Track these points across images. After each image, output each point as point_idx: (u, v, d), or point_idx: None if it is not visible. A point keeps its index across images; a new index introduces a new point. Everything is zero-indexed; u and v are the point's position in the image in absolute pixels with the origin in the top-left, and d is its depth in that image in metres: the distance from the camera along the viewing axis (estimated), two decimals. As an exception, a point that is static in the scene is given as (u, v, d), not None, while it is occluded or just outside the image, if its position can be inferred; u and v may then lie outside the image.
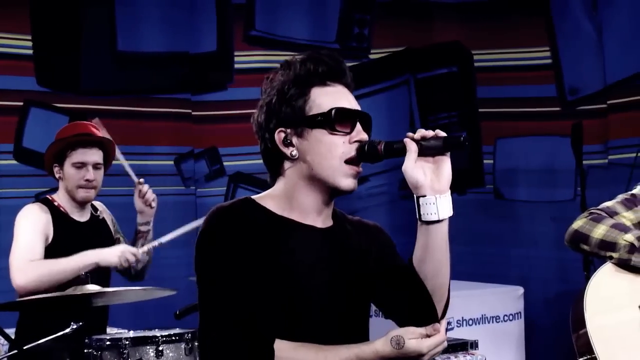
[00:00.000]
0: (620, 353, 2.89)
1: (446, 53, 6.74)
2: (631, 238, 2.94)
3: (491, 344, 5.39)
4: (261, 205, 2.20)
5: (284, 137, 2.19)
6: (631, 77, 6.03)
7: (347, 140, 2.18)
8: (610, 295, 2.98)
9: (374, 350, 2.08)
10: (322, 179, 2.18)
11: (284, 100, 2.19)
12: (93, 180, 3.90)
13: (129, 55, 5.99)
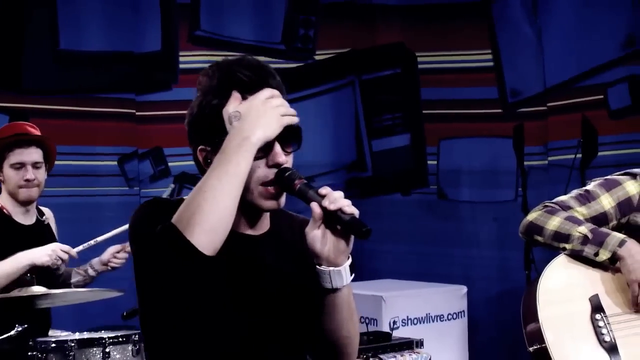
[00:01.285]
0: (569, 342, 2.90)
1: (390, 55, 6.75)
2: (584, 230, 2.96)
3: (436, 342, 5.42)
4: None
5: (204, 156, 2.10)
6: (570, 80, 6.12)
7: (264, 164, 2.05)
8: (562, 287, 2.99)
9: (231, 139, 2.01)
10: (244, 200, 2.05)
11: (202, 115, 2.09)
12: (34, 180, 3.86)
13: (71, 54, 5.93)
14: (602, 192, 3.08)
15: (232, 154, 1.96)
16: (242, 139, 1.96)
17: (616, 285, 2.99)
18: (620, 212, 3.07)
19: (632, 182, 3.09)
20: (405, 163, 6.80)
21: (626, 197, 3.07)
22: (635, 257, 2.91)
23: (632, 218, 3.07)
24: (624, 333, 2.92)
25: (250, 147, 1.96)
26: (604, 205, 3.06)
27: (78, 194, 5.69)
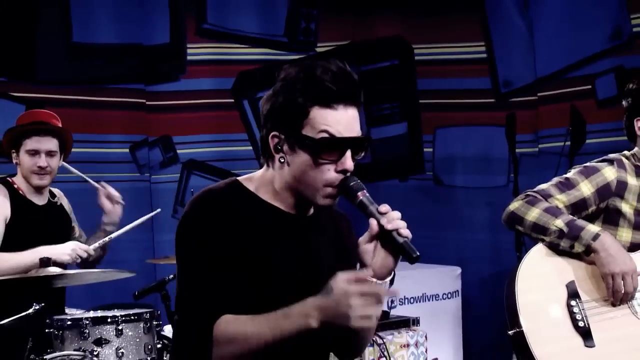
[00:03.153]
0: (544, 328, 2.90)
1: (388, 47, 6.75)
2: (561, 224, 2.95)
3: (431, 321, 5.47)
4: (249, 191, 2.15)
5: (276, 142, 2.10)
6: (559, 71, 6.10)
7: (332, 168, 2.07)
8: (540, 274, 2.99)
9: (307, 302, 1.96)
10: (301, 192, 2.11)
11: (287, 107, 2.08)
12: (46, 167, 3.86)
13: (83, 46, 5.92)
14: (581, 179, 3.08)
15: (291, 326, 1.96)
16: (306, 318, 1.95)
17: (591, 273, 2.99)
18: (600, 197, 3.07)
19: (609, 168, 3.10)
20: (402, 150, 6.81)
21: (605, 182, 3.08)
22: (608, 250, 2.92)
23: (611, 202, 3.08)
24: (598, 318, 2.93)
25: (304, 328, 1.96)
26: (583, 192, 3.06)
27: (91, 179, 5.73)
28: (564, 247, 2.97)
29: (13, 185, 3.91)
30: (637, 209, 3.08)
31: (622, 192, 3.08)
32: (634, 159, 3.16)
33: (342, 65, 2.11)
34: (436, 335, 5.60)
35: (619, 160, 3.14)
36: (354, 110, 2.10)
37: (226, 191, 2.13)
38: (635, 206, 3.08)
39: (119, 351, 3.51)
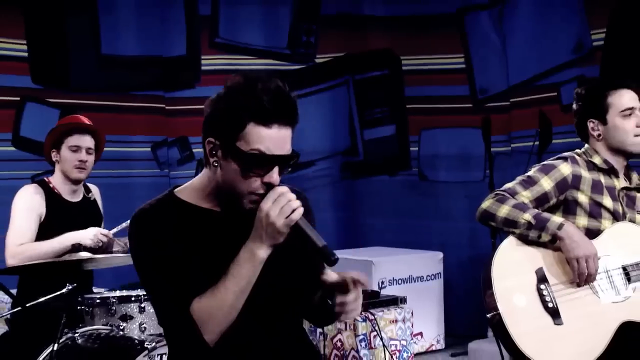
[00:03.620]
0: (518, 310, 2.89)
1: (379, 58, 6.73)
2: (529, 217, 2.94)
3: (416, 299, 5.46)
4: (180, 200, 2.09)
5: (211, 147, 2.01)
6: (529, 79, 6.13)
7: (259, 180, 1.99)
8: (513, 262, 2.98)
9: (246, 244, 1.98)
10: (229, 196, 2.03)
11: (225, 117, 1.98)
12: (86, 162, 3.83)
13: (111, 58, 5.93)
14: (541, 176, 3.08)
15: (243, 268, 1.96)
16: (251, 255, 1.97)
17: (557, 259, 2.98)
18: (559, 190, 3.06)
19: (565, 164, 3.10)
20: (391, 149, 6.80)
21: (562, 177, 3.07)
22: (572, 237, 2.92)
23: (569, 194, 3.07)
24: (565, 299, 2.92)
25: (257, 263, 1.97)
26: (544, 187, 3.05)
27: (117, 175, 5.71)
28: (533, 237, 2.96)
29: (49, 184, 3.87)
30: (591, 198, 3.07)
31: (577, 184, 3.07)
32: (586, 155, 3.16)
33: (282, 86, 2.00)
34: (421, 312, 5.60)
35: (572, 157, 3.14)
36: (288, 130, 2.01)
37: (157, 206, 2.08)
38: (590, 196, 3.07)
39: (141, 326, 3.49)
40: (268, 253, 1.97)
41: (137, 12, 6.03)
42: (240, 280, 1.97)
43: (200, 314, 1.96)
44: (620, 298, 2.96)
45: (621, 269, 3.00)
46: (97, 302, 3.51)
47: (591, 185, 3.08)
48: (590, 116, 3.12)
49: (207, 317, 1.96)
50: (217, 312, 1.96)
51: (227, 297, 1.96)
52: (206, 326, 1.96)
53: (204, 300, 1.96)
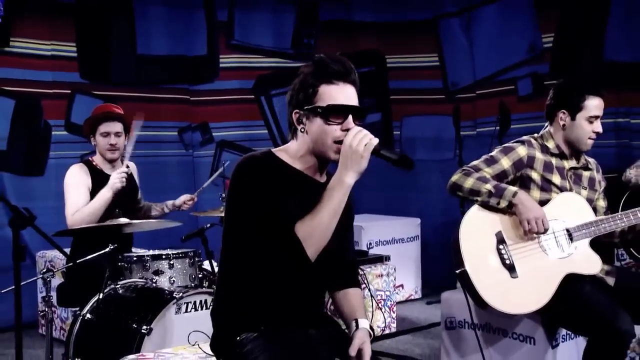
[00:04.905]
0: (481, 266, 2.91)
1: (367, 57, 6.71)
2: (489, 187, 2.96)
3: (398, 258, 5.46)
4: (279, 158, 2.11)
5: (297, 117, 2.10)
6: (492, 75, 6.15)
7: (339, 128, 2.04)
8: (477, 227, 2.98)
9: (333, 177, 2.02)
10: (317, 152, 2.08)
11: (302, 89, 2.09)
12: (115, 144, 3.83)
13: (145, 57, 5.91)
14: (501, 156, 3.08)
15: (335, 193, 1.98)
16: (340, 183, 1.99)
17: (513, 224, 2.99)
18: (515, 168, 3.07)
19: (522, 147, 3.10)
20: (377, 133, 6.78)
21: (518, 158, 3.07)
22: (524, 203, 2.93)
23: (524, 172, 3.08)
24: (519, 256, 2.94)
25: (346, 190, 2.00)
26: (503, 165, 3.06)
27: (150, 155, 5.72)
28: (493, 203, 2.97)
29: (92, 163, 3.89)
30: (543, 176, 3.07)
31: (532, 164, 3.07)
32: (542, 139, 3.15)
33: (341, 56, 2.13)
34: (402, 268, 5.62)
35: (528, 141, 3.13)
36: (352, 88, 2.09)
37: (261, 158, 2.10)
38: (542, 174, 3.07)
39: (171, 279, 3.51)
40: (354, 179, 2.00)
41: (166, 19, 5.99)
42: (332, 204, 1.98)
43: (303, 233, 1.97)
44: (564, 255, 2.97)
45: (565, 231, 3.01)
46: (134, 259, 3.53)
47: (543, 165, 3.09)
48: (564, 107, 3.09)
49: (309, 235, 1.97)
50: (316, 231, 1.98)
51: (324, 217, 1.98)
52: (309, 242, 1.97)
53: (305, 221, 1.98)
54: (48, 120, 5.53)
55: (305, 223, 1.98)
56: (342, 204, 2.00)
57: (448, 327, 3.36)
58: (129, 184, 3.99)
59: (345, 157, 1.99)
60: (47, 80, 5.49)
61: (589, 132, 3.07)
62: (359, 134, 2.00)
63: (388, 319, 4.97)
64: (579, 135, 3.08)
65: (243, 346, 2.06)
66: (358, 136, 1.99)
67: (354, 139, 1.99)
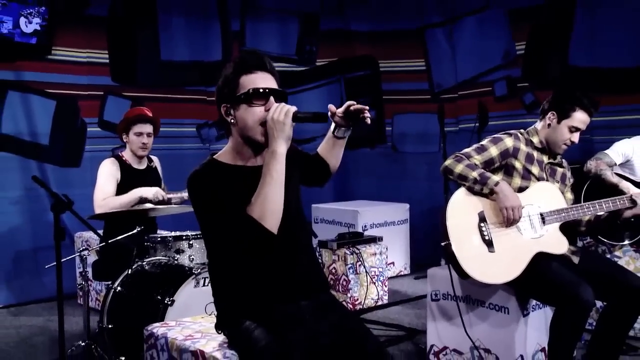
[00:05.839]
0: (464, 240, 2.91)
1: (363, 62, 6.70)
2: (476, 175, 2.95)
3: (390, 238, 5.44)
4: (220, 162, 2.07)
5: (225, 110, 2.04)
6: (471, 78, 6.13)
7: (262, 109, 1.99)
8: (462, 206, 2.98)
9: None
10: (246, 137, 2.02)
11: (225, 85, 2.02)
12: (146, 143, 3.86)
13: (167, 62, 5.90)
14: (490, 145, 3.07)
15: (270, 165, 1.93)
16: (272, 154, 1.94)
17: (493, 206, 2.98)
18: (502, 157, 3.06)
19: (509, 138, 3.09)
20: (371, 129, 6.82)
21: (505, 148, 3.07)
22: (504, 192, 2.93)
23: (509, 161, 3.07)
24: (497, 234, 2.94)
25: (280, 158, 1.94)
26: (492, 154, 3.05)
27: (172, 149, 5.73)
28: (477, 189, 2.98)
29: (122, 158, 3.90)
30: (524, 166, 3.06)
31: (516, 155, 3.07)
32: (528, 134, 3.15)
33: (256, 51, 2.12)
34: (393, 247, 5.62)
35: (515, 134, 3.13)
36: (269, 76, 2.04)
37: (204, 169, 2.04)
38: (524, 164, 3.06)
39: (190, 257, 3.52)
40: (284, 147, 1.95)
41: (186, 29, 5.97)
42: (273, 175, 1.93)
43: (256, 212, 1.91)
44: (537, 235, 2.97)
45: (539, 215, 3.00)
46: (158, 240, 3.53)
47: (526, 157, 3.08)
48: (555, 109, 3.09)
49: (262, 211, 1.90)
50: (266, 205, 1.91)
51: (269, 191, 1.92)
52: (264, 217, 1.90)
53: (254, 202, 1.92)
54: (84, 118, 5.54)
55: (255, 203, 1.92)
56: (282, 172, 1.94)
57: (433, 299, 3.36)
58: (153, 176, 4.01)
59: (271, 129, 1.95)
60: (83, 83, 5.49)
61: (566, 139, 3.07)
62: (279, 107, 1.96)
63: (381, 292, 4.97)
64: (557, 138, 3.08)
65: (241, 322, 2.05)
66: (278, 109, 1.96)
67: (274, 111, 1.96)
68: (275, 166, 1.94)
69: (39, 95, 5.32)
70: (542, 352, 3.13)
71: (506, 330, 3.04)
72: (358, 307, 4.77)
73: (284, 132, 1.95)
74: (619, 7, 5.10)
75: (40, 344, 4.06)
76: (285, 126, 1.95)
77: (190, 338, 2.39)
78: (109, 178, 3.78)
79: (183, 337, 2.41)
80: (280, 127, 1.94)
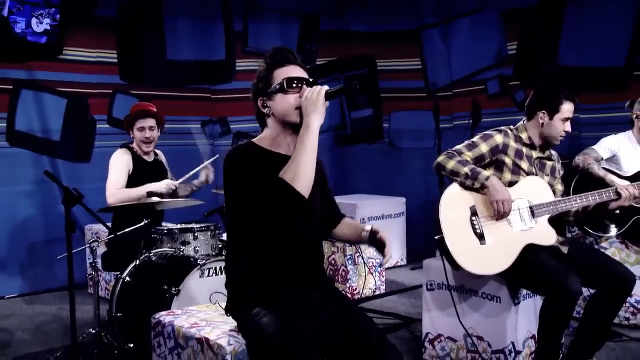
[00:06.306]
0: (456, 233, 2.91)
1: (361, 61, 6.70)
2: (467, 170, 2.95)
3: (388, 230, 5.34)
4: (258, 145, 2.11)
5: (262, 103, 2.11)
6: (465, 76, 6.13)
7: (297, 96, 2.06)
8: (454, 201, 2.98)
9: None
10: (284, 122, 2.08)
11: (260, 81, 2.10)
12: (150, 137, 3.85)
13: (173, 62, 5.90)
14: (481, 142, 3.07)
15: (304, 136, 1.97)
16: (306, 127, 1.99)
17: (484, 200, 2.98)
18: (492, 153, 3.07)
19: (499, 135, 3.09)
20: (370, 125, 6.82)
21: (495, 144, 3.07)
22: (494, 186, 2.93)
23: (499, 157, 3.07)
24: (488, 227, 2.94)
25: (314, 130, 1.99)
26: (482, 150, 3.05)
27: (177, 144, 5.73)
28: (468, 184, 2.98)
29: (133, 149, 3.91)
30: (514, 161, 3.07)
31: (506, 150, 3.07)
32: (517, 131, 3.15)
33: (284, 47, 2.17)
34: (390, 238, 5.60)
35: (505, 131, 3.13)
36: (298, 67, 2.11)
37: (245, 147, 2.09)
38: (513, 160, 3.07)
39: (195, 249, 3.53)
40: (318, 122, 2.00)
41: (191, 30, 5.97)
42: (306, 145, 1.97)
43: (288, 175, 1.94)
44: (526, 227, 2.97)
45: (528, 208, 3.01)
46: (164, 232, 3.53)
47: (515, 152, 3.08)
48: (544, 108, 3.09)
49: (294, 174, 1.93)
50: (299, 170, 1.94)
51: (302, 157, 1.95)
52: (296, 180, 1.92)
53: (286, 167, 1.96)
54: (93, 115, 5.54)
55: (288, 167, 1.95)
56: (315, 143, 1.98)
57: (428, 288, 3.37)
58: (160, 168, 4.01)
59: (305, 108, 2.01)
60: (92, 82, 5.49)
61: (561, 131, 3.08)
62: (312, 88, 2.03)
63: (378, 282, 4.98)
64: (554, 133, 3.08)
65: (251, 308, 2.06)
66: (311, 89, 2.03)
67: (308, 92, 2.02)
68: (308, 137, 1.98)
69: (50, 93, 5.32)
70: (532, 339, 3.14)
71: (498, 318, 3.05)
72: (356, 296, 4.78)
73: (317, 108, 2.00)
74: (606, 9, 5.10)
75: (53, 330, 4.08)
76: (318, 102, 2.00)
77: (196, 326, 2.40)
78: (122, 169, 3.78)
79: (189, 324, 2.42)
80: (314, 104, 2.00)
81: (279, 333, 1.95)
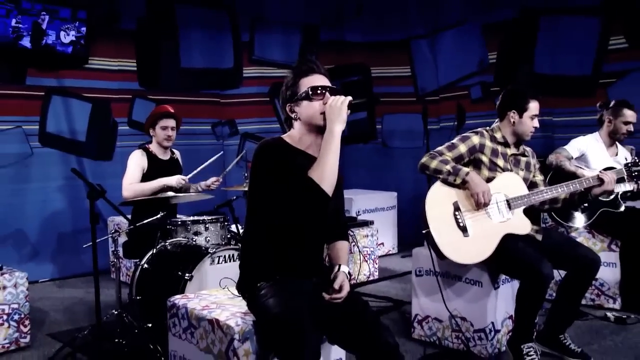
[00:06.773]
0: (442, 227, 2.91)
1: (357, 69, 6.69)
2: (449, 168, 2.95)
3: (380, 223, 5.47)
4: (286, 142, 2.11)
5: (290, 109, 2.12)
6: (451, 82, 6.12)
7: (321, 102, 2.07)
8: (438, 197, 2.98)
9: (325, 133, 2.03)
10: (310, 125, 2.08)
11: (288, 88, 2.11)
12: (171, 135, 3.86)
13: (187, 69, 5.89)
14: (460, 143, 3.07)
15: (329, 141, 1.97)
16: (330, 132, 1.98)
17: (466, 196, 2.98)
18: (470, 153, 3.07)
19: (476, 136, 3.09)
20: (364, 127, 6.82)
21: (472, 145, 3.07)
22: (474, 180, 2.93)
23: (477, 156, 3.07)
24: (471, 221, 2.94)
25: (336, 135, 1.98)
26: (460, 150, 3.06)
27: (189, 144, 5.73)
28: (451, 180, 2.97)
29: (148, 149, 3.90)
30: (490, 159, 3.07)
31: (482, 150, 3.07)
32: (492, 131, 3.15)
33: (310, 58, 2.19)
34: (383, 230, 5.64)
35: (481, 132, 3.13)
36: (323, 77, 2.12)
37: (275, 142, 2.10)
38: (490, 158, 3.06)
39: (206, 239, 3.51)
40: (340, 128, 1.99)
41: (202, 39, 5.95)
42: (331, 148, 1.97)
43: (317, 175, 1.95)
44: (504, 219, 2.97)
45: (505, 201, 3.01)
46: (179, 223, 3.53)
47: (491, 151, 3.08)
48: (513, 108, 3.09)
49: (321, 174, 1.94)
50: (326, 170, 1.95)
51: (327, 159, 1.96)
52: (323, 180, 1.94)
53: (315, 168, 1.96)
54: (115, 118, 5.55)
55: (316, 168, 1.96)
56: (338, 148, 1.98)
57: (417, 274, 3.37)
58: (175, 166, 4.01)
59: (329, 114, 2.01)
60: (114, 88, 5.49)
61: (531, 127, 3.08)
62: (336, 97, 2.04)
63: (372, 268, 4.99)
64: (525, 129, 3.08)
65: (259, 290, 2.08)
66: (335, 98, 2.03)
67: (332, 100, 2.03)
68: (332, 142, 1.98)
69: (77, 99, 5.34)
70: (510, 319, 3.17)
71: (479, 301, 3.07)
72: (352, 282, 4.81)
73: (340, 115, 2.00)
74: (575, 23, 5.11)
75: (80, 311, 4.11)
76: (341, 110, 2.00)
77: (207, 308, 2.41)
78: (137, 167, 3.78)
79: (201, 307, 2.43)
80: (337, 112, 2.00)
81: (282, 313, 1.96)
